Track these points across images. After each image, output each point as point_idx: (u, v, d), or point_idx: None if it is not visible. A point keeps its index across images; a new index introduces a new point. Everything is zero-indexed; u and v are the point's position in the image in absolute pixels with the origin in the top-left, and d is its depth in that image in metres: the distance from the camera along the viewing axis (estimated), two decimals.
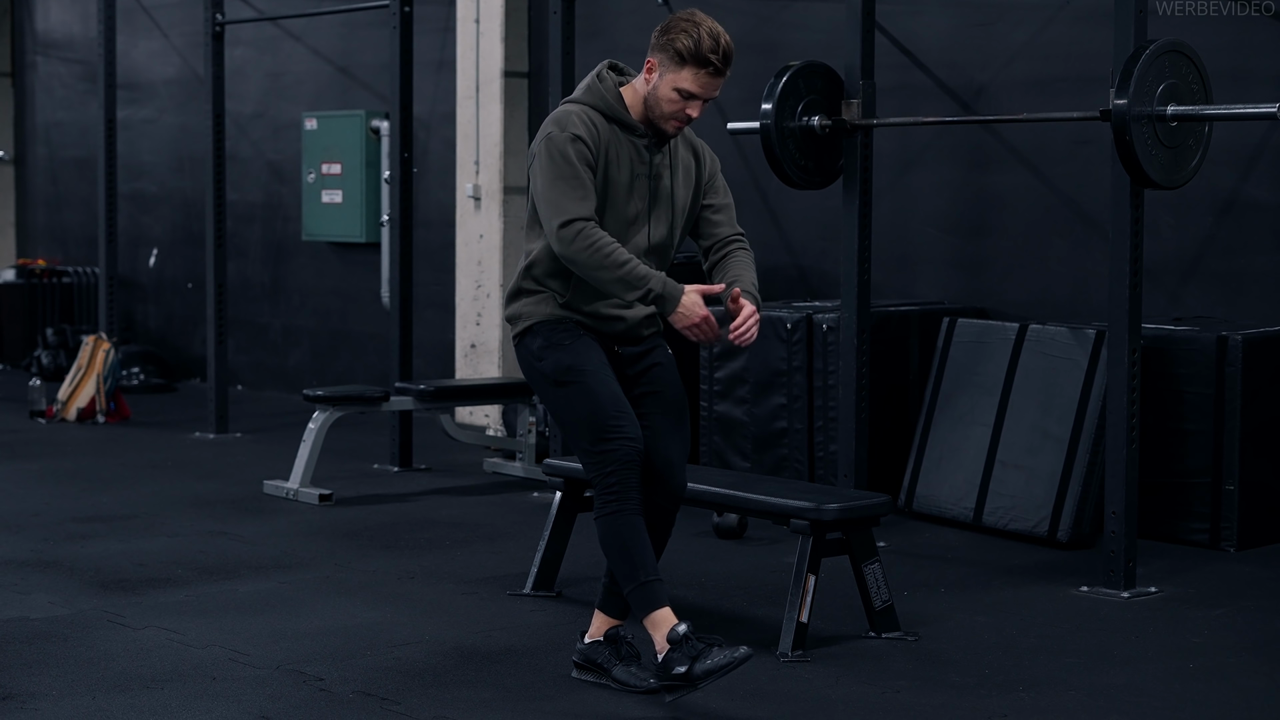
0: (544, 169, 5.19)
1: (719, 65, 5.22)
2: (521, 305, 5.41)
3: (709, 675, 4.92)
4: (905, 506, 8.26)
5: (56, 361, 13.77)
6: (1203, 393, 7.56)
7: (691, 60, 5.20)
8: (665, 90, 5.25)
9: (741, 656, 4.93)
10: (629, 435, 5.19)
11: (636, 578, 5.13)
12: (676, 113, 5.27)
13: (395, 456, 9.76)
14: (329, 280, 12.89)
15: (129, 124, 14.08)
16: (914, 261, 9.32)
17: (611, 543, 5.18)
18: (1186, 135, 6.68)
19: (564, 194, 5.14)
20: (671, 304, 5.11)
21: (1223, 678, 5.56)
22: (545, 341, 5.35)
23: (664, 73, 5.25)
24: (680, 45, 5.20)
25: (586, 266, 5.10)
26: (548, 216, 5.15)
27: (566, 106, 5.34)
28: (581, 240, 5.09)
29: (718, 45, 5.20)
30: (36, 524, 7.99)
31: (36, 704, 5.16)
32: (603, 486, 5.18)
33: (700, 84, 5.23)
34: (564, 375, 5.29)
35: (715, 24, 5.26)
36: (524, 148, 11.16)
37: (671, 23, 5.27)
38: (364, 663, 5.65)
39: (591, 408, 5.23)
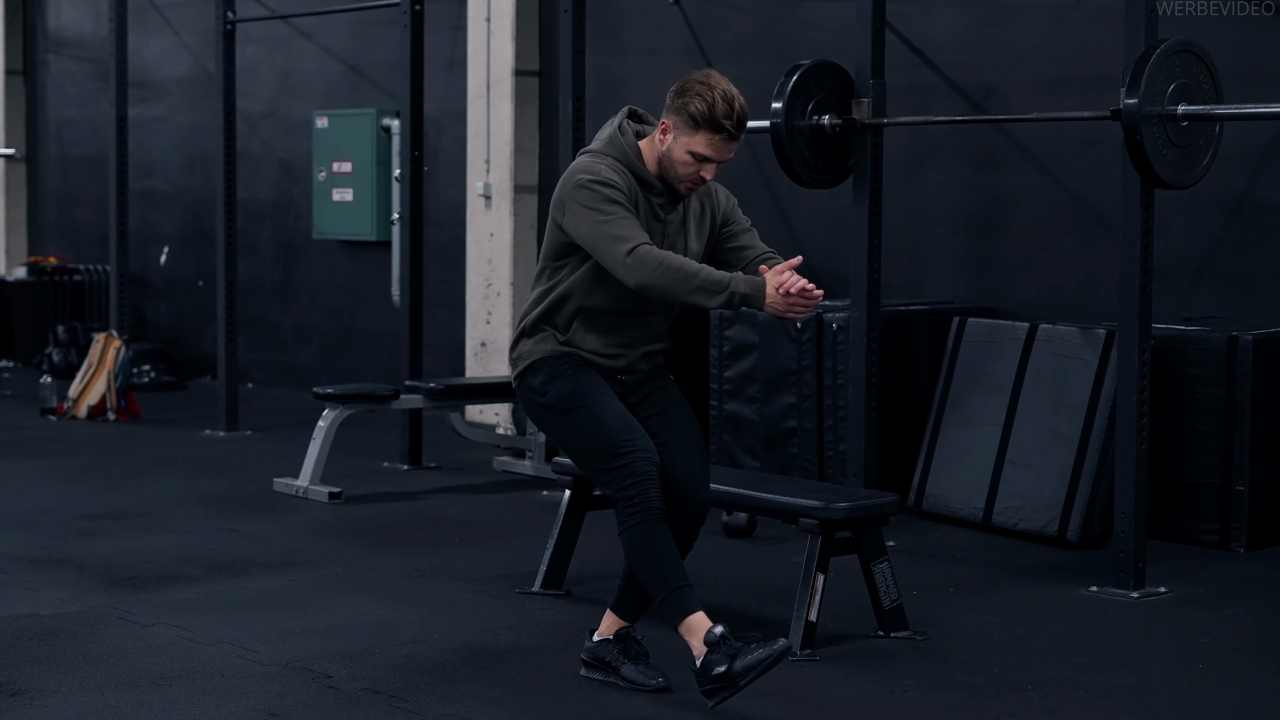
0: (587, 215, 5.18)
1: (733, 131, 5.21)
2: (521, 347, 5.45)
3: (749, 671, 4.87)
4: (914, 506, 8.26)
5: (67, 359, 13.78)
6: (1213, 393, 7.55)
7: (705, 125, 5.20)
8: (679, 153, 5.25)
9: (780, 649, 4.89)
10: (641, 447, 5.19)
11: (668, 585, 5.10)
12: (690, 175, 5.27)
13: (405, 454, 9.76)
14: (339, 278, 12.90)
15: (140, 122, 14.10)
16: (924, 261, 9.32)
17: (639, 554, 5.15)
18: (1197, 135, 6.67)
19: (616, 227, 5.14)
20: (759, 298, 5.07)
21: (1232, 678, 5.55)
22: (546, 375, 5.36)
23: (678, 135, 5.25)
24: (694, 109, 5.20)
25: (663, 285, 5.07)
26: (609, 253, 5.12)
27: (592, 158, 5.33)
28: (650, 262, 5.07)
29: (732, 110, 5.20)
30: (46, 521, 8.00)
31: (45, 700, 5.17)
32: (623, 501, 5.16)
33: (714, 148, 5.22)
34: (568, 402, 5.30)
35: (729, 86, 5.25)
36: (535, 146, 11.17)
37: (686, 84, 5.26)
38: (372, 660, 5.66)
39: (599, 428, 5.23)
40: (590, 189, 5.21)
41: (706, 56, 10.27)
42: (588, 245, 5.20)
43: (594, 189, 5.21)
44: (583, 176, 5.25)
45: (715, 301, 5.08)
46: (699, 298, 5.08)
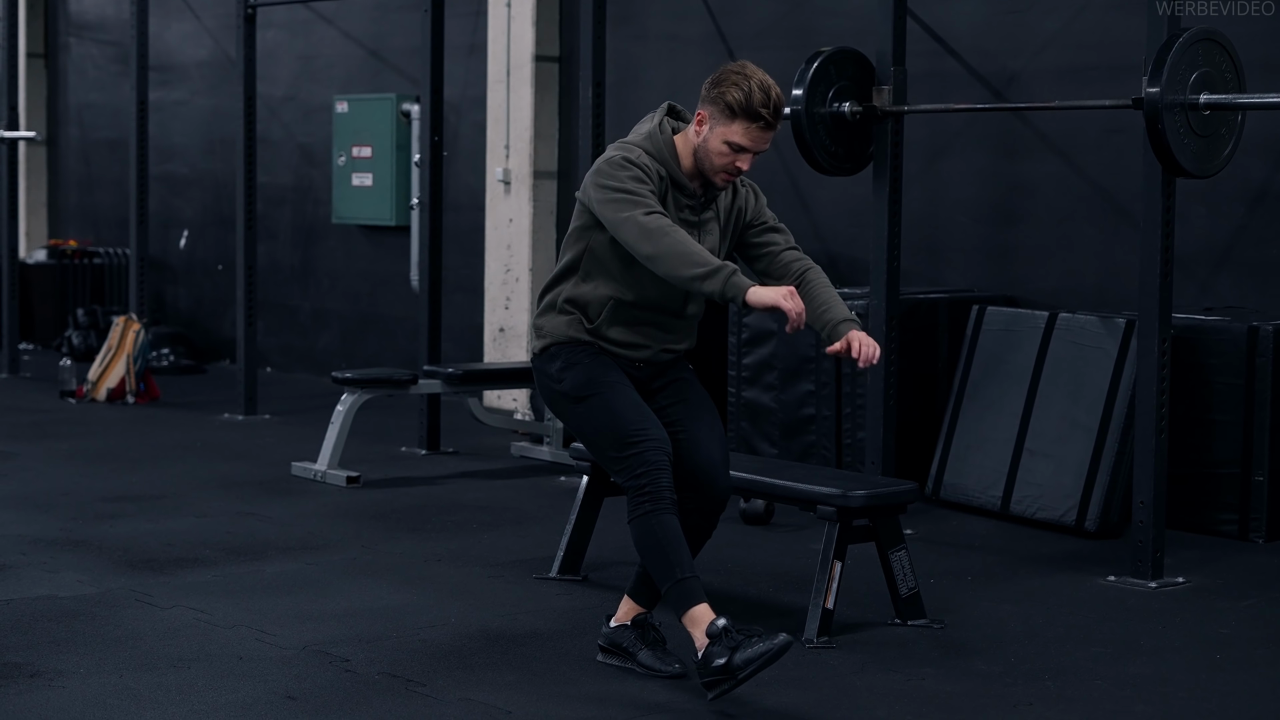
0: (608, 194, 5.16)
1: (769, 119, 5.21)
2: (549, 319, 5.42)
3: (749, 664, 4.86)
4: (932, 494, 8.25)
5: (87, 342, 13.82)
6: (1233, 383, 7.53)
7: (742, 114, 5.19)
8: (715, 143, 5.24)
9: (780, 644, 4.89)
10: (654, 436, 5.19)
11: (673, 575, 5.09)
12: (726, 165, 5.26)
13: (423, 439, 9.77)
14: (358, 263, 12.91)
15: (161, 106, 14.11)
16: (944, 249, 9.30)
17: (647, 543, 5.14)
18: (1219, 124, 6.65)
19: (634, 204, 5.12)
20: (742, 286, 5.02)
21: (1250, 669, 5.54)
22: (564, 363, 5.36)
23: (714, 125, 5.24)
24: (731, 98, 5.19)
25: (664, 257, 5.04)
26: (628, 232, 5.10)
27: (629, 145, 5.32)
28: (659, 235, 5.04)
29: (769, 99, 5.19)
30: (66, 503, 8.03)
31: (64, 682, 5.19)
32: (634, 489, 5.16)
33: (751, 137, 5.22)
34: (583, 390, 5.30)
35: (766, 76, 5.25)
36: (554, 132, 11.16)
37: (722, 75, 5.26)
38: (390, 644, 5.67)
39: (613, 416, 5.23)
40: (617, 165, 5.21)
41: (727, 43, 10.26)
42: (608, 224, 5.19)
43: (621, 166, 5.20)
44: (615, 154, 5.26)
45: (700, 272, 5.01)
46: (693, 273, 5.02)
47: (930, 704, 5.12)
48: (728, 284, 5.03)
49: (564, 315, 5.40)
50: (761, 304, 5.03)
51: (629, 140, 5.38)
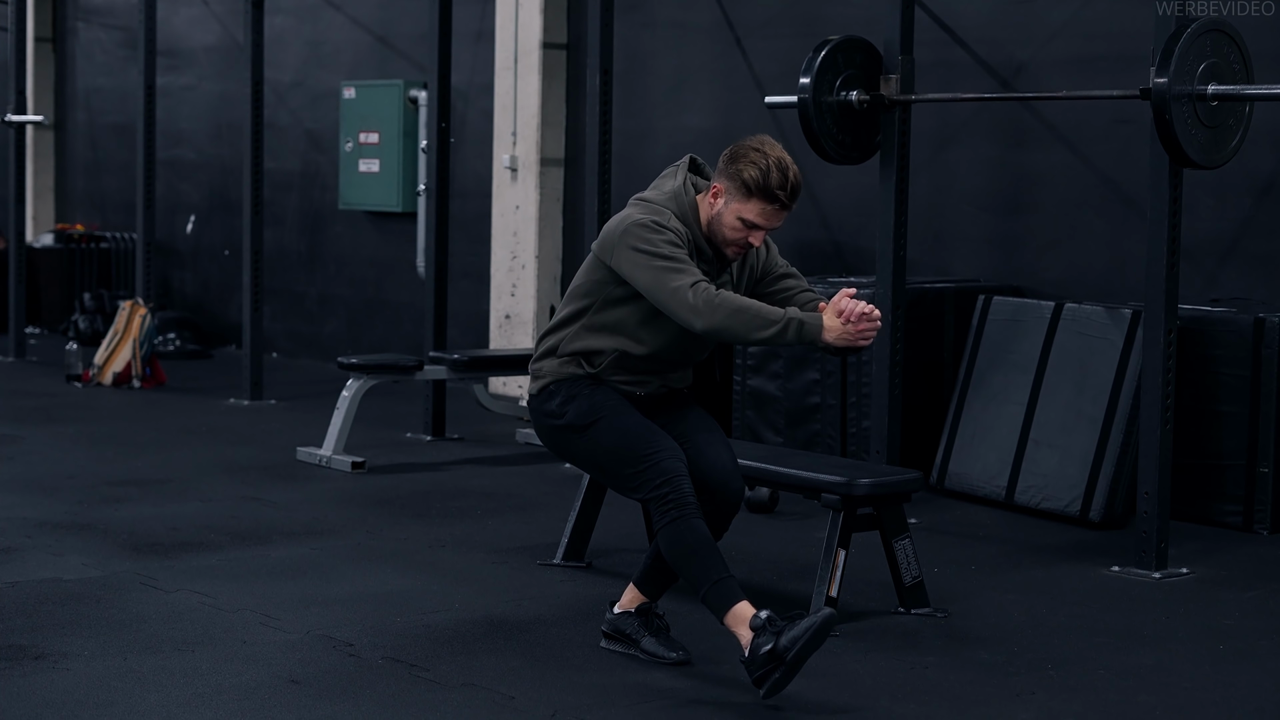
0: (644, 260, 5.10)
1: (786, 201, 5.18)
2: (547, 363, 5.39)
3: (795, 644, 4.79)
4: (937, 484, 8.25)
5: (93, 326, 13.84)
6: (1238, 374, 7.53)
7: (759, 193, 5.16)
8: (729, 218, 5.21)
9: (823, 619, 4.83)
10: (667, 446, 5.18)
11: (710, 577, 5.05)
12: (738, 240, 5.23)
13: (428, 425, 9.78)
14: (365, 249, 12.92)
15: (168, 91, 14.12)
16: (950, 238, 9.29)
17: (678, 550, 5.10)
18: (1227, 115, 6.64)
19: (677, 274, 5.08)
20: (815, 327, 5.04)
21: (1253, 660, 5.55)
22: (564, 397, 5.33)
23: (729, 200, 5.20)
24: (748, 176, 5.16)
25: (731, 326, 5.03)
26: (673, 301, 5.05)
27: (657, 207, 5.25)
28: (717, 308, 5.01)
29: (786, 180, 5.15)
30: (71, 487, 8.04)
31: (69, 664, 5.20)
32: (657, 500, 5.13)
33: (765, 216, 5.19)
34: (587, 417, 5.28)
35: (784, 153, 5.21)
36: (562, 119, 11.16)
37: (740, 150, 5.22)
38: (394, 629, 5.68)
39: (622, 434, 5.22)
40: (651, 229, 5.14)
41: (735, 31, 10.25)
42: (646, 291, 5.13)
43: (655, 230, 5.14)
44: (640, 216, 5.19)
45: (773, 332, 5.03)
46: (764, 333, 5.04)
47: (933, 693, 5.13)
48: (801, 335, 5.05)
49: (561, 358, 5.37)
50: (839, 343, 5.08)
51: (651, 199, 5.30)
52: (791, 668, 4.84)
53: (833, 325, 5.06)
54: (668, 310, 5.11)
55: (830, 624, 4.86)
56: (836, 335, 5.06)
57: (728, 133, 10.31)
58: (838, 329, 5.06)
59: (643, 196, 5.34)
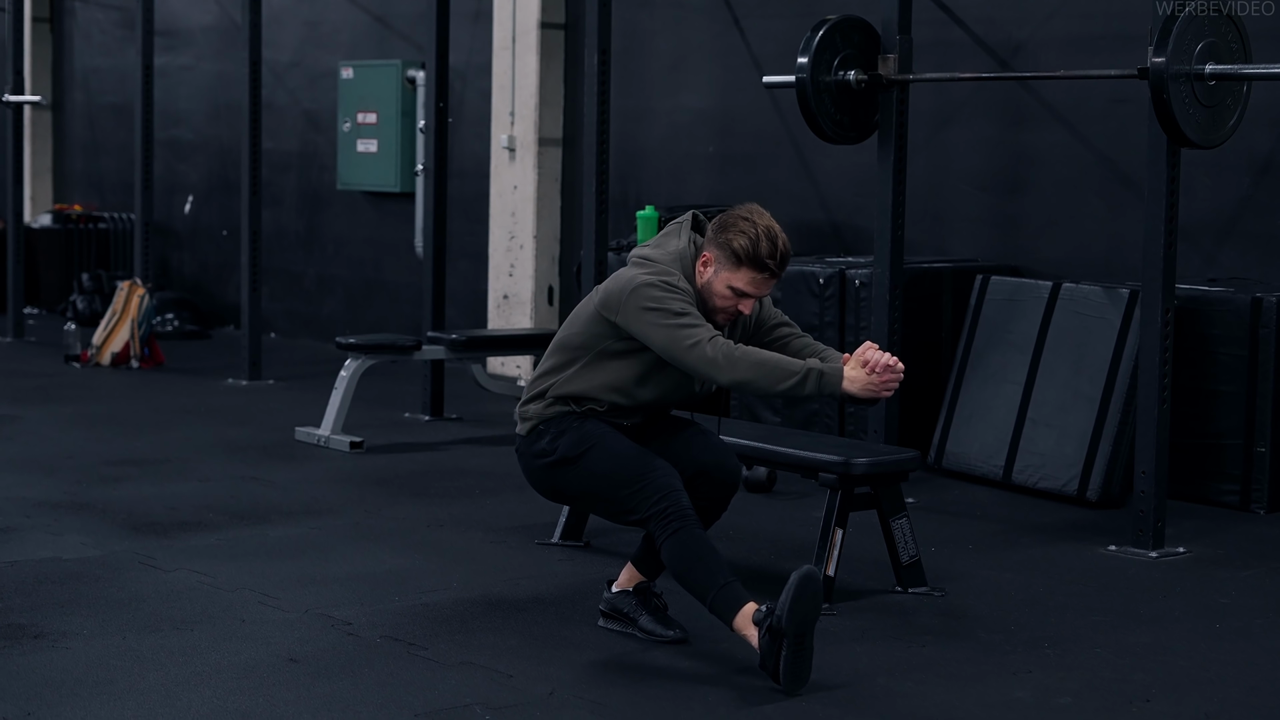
0: (657, 318, 5.10)
1: (775, 270, 5.18)
2: (535, 406, 5.39)
3: (792, 613, 4.76)
4: (935, 463, 8.26)
5: (92, 307, 13.83)
6: (1236, 354, 7.53)
7: (748, 262, 5.16)
8: (719, 286, 5.21)
9: (800, 575, 4.81)
10: (661, 465, 5.19)
11: (715, 583, 5.03)
12: (728, 308, 5.24)
13: (426, 405, 9.79)
14: (363, 229, 12.91)
15: (166, 71, 14.10)
16: (948, 218, 9.29)
17: (682, 560, 5.08)
18: (1225, 94, 6.64)
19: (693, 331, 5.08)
20: (835, 377, 5.07)
21: (1249, 638, 5.56)
22: (553, 434, 5.32)
23: (719, 269, 5.20)
24: (737, 245, 5.16)
25: (755, 379, 5.05)
26: (691, 357, 5.06)
27: (662, 268, 5.22)
28: (739, 361, 5.04)
29: (775, 249, 5.16)
30: (70, 467, 8.05)
31: (68, 643, 5.21)
32: (656, 515, 5.12)
33: (755, 285, 5.20)
34: (578, 447, 5.27)
35: (772, 221, 5.21)
36: (560, 99, 11.15)
37: (729, 220, 5.21)
38: (391, 608, 5.69)
39: (615, 458, 5.22)
40: (662, 289, 5.14)
41: (733, 11, 10.24)
42: (662, 350, 5.13)
43: (666, 289, 5.14)
44: (647, 276, 5.18)
45: (793, 383, 5.05)
46: (785, 384, 5.06)
47: (930, 671, 5.14)
48: (821, 386, 5.08)
49: (548, 403, 5.35)
50: (862, 394, 5.11)
51: (655, 259, 5.28)
52: (795, 642, 4.81)
53: (856, 376, 5.10)
54: (685, 367, 5.13)
55: (810, 579, 4.82)
56: (861, 387, 5.10)
57: (726, 112, 10.32)
58: (861, 380, 5.10)
59: (646, 256, 5.32)
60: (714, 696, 4.86)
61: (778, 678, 4.84)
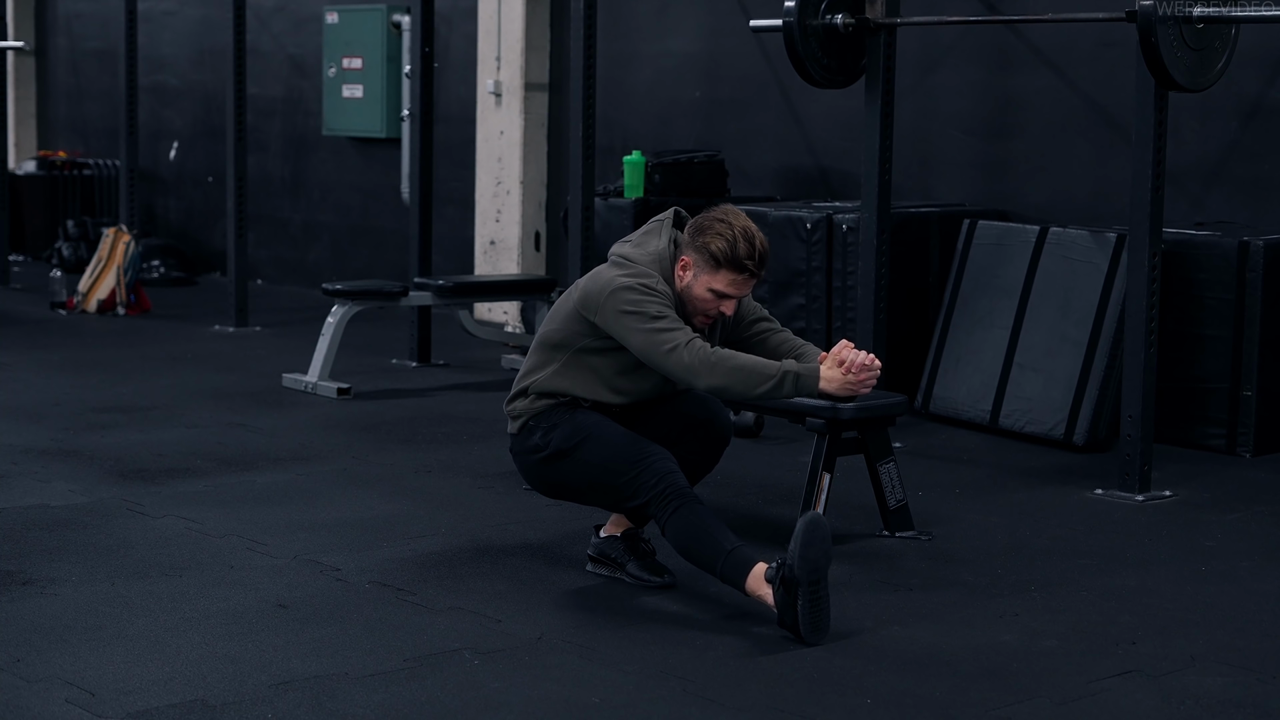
0: (634, 322, 5.10)
1: (754, 270, 5.17)
2: (520, 404, 5.38)
3: (805, 560, 4.75)
4: (922, 408, 8.27)
5: (77, 253, 13.79)
6: (1223, 298, 7.54)
7: (727, 264, 5.15)
8: (700, 290, 5.20)
9: (807, 520, 4.81)
10: (655, 450, 5.18)
11: (722, 549, 5.01)
12: (708, 310, 5.23)
13: (414, 352, 9.78)
14: (349, 175, 12.87)
15: (150, 16, 14.02)
16: (935, 163, 9.28)
17: (687, 535, 5.07)
18: (1213, 38, 6.62)
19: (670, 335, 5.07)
20: (812, 378, 5.10)
21: (1235, 581, 5.58)
22: (544, 429, 5.31)
23: (698, 273, 5.19)
24: (715, 248, 5.14)
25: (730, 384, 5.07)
26: (669, 362, 5.07)
27: (641, 269, 5.20)
28: (716, 366, 5.04)
29: (753, 249, 5.15)
30: (57, 413, 8.04)
31: (57, 589, 5.22)
32: (656, 497, 5.11)
33: (735, 286, 5.19)
34: (571, 438, 5.26)
35: (748, 222, 5.20)
36: (546, 44, 11.10)
37: (705, 223, 5.19)
38: (380, 554, 5.70)
39: (610, 446, 5.21)
40: (641, 292, 5.13)
41: None
42: (640, 353, 5.13)
43: (644, 292, 5.13)
44: (626, 280, 5.16)
45: (770, 387, 5.08)
46: (763, 388, 5.08)
47: (917, 614, 5.16)
48: (798, 388, 5.11)
49: (532, 399, 5.35)
50: (840, 393, 5.16)
51: (635, 259, 5.25)
52: (810, 590, 4.78)
53: (832, 376, 5.13)
54: (664, 371, 5.14)
55: (817, 524, 4.83)
56: (838, 386, 5.14)
57: (712, 57, 10.28)
58: (838, 380, 5.13)
59: (625, 255, 5.29)
60: (702, 641, 4.87)
61: (798, 630, 4.81)
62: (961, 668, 4.67)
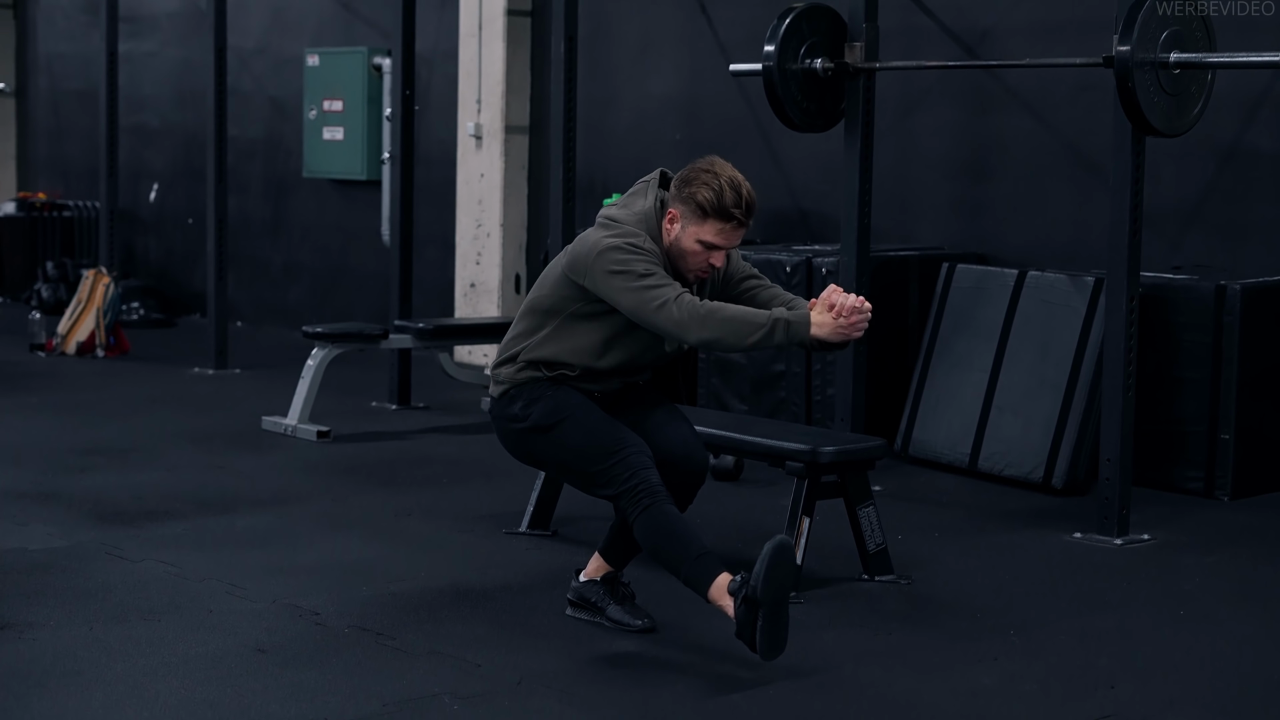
0: (622, 281, 5.09)
1: (742, 219, 5.17)
2: (507, 369, 5.37)
3: (768, 582, 4.75)
4: (901, 451, 8.28)
5: (57, 295, 13.77)
6: (1200, 341, 7.57)
7: (714, 214, 5.15)
8: (688, 242, 5.19)
9: (774, 545, 4.80)
10: (633, 443, 5.18)
11: (689, 554, 5.03)
12: (699, 264, 5.22)
13: (394, 394, 9.77)
14: (330, 217, 12.88)
15: (131, 57, 14.03)
16: (915, 206, 9.31)
17: (654, 534, 5.08)
18: (1189, 83, 6.66)
19: (658, 291, 5.06)
20: (803, 325, 5.05)
21: (1213, 624, 5.59)
22: (526, 400, 5.31)
23: (686, 225, 5.19)
24: (702, 198, 5.14)
25: (722, 336, 5.04)
26: (659, 318, 5.05)
27: (628, 229, 5.20)
28: (707, 319, 5.01)
29: (740, 197, 5.14)
30: (36, 456, 8.02)
31: (35, 634, 5.19)
32: (627, 491, 5.12)
33: (724, 236, 5.18)
34: (551, 417, 5.26)
35: (735, 172, 5.20)
36: (526, 86, 11.13)
37: (691, 174, 5.20)
38: (359, 597, 5.69)
39: (588, 433, 5.21)
40: (628, 251, 5.12)
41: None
42: (630, 313, 5.12)
43: (631, 251, 5.12)
44: (612, 239, 5.16)
45: (762, 335, 5.04)
46: (754, 337, 5.05)
47: (897, 658, 5.16)
48: (789, 334, 5.06)
49: (518, 367, 5.35)
50: (832, 338, 5.08)
51: (621, 220, 5.26)
52: (771, 610, 4.79)
53: (823, 321, 5.08)
54: (655, 327, 5.12)
55: (784, 548, 4.82)
56: (830, 331, 5.08)
57: (693, 100, 10.32)
58: (829, 324, 5.08)
59: (612, 216, 5.30)
60: (682, 685, 4.87)
61: (754, 646, 4.83)
62: (940, 711, 4.67)
